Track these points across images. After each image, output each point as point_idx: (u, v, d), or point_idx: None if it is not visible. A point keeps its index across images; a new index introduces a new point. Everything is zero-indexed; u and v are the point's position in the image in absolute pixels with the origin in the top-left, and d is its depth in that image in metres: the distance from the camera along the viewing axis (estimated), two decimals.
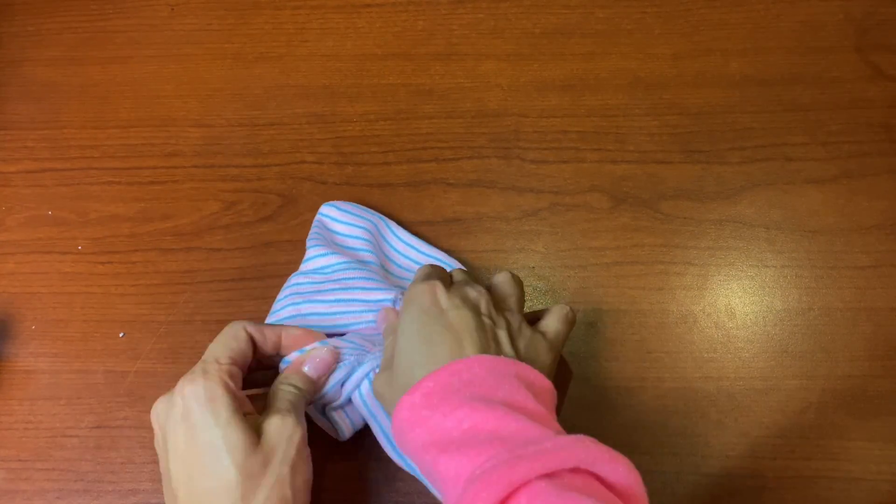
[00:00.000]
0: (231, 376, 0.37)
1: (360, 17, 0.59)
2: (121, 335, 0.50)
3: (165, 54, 0.58)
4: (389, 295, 0.43)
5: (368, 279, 0.44)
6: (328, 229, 0.49)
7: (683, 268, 0.50)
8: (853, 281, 0.49)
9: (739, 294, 0.49)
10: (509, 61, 0.56)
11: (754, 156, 0.52)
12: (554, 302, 0.49)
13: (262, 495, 0.34)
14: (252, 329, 0.40)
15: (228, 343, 0.39)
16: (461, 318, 0.36)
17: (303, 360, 0.40)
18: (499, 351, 0.35)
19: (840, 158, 0.52)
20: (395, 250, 0.49)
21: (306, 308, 0.44)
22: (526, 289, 0.50)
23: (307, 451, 0.38)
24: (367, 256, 0.48)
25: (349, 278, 0.45)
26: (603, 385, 0.47)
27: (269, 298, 0.50)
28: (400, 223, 0.51)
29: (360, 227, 0.49)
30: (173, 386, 0.48)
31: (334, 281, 0.45)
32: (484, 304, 0.37)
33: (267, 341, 0.40)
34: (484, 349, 0.35)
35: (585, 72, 0.55)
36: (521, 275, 0.50)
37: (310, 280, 0.46)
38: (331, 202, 0.50)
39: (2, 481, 0.46)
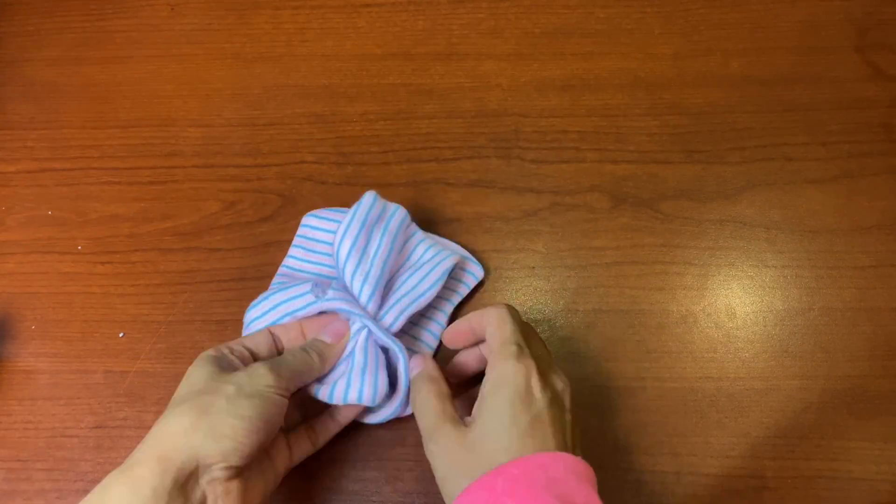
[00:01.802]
0: (230, 349, 0.41)
1: (360, 17, 0.59)
2: (120, 335, 0.50)
3: (165, 54, 0.58)
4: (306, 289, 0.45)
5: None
6: (309, 238, 0.50)
7: (683, 268, 0.50)
8: (853, 281, 0.49)
9: (739, 294, 0.49)
10: (509, 61, 0.56)
11: (754, 156, 0.52)
12: (554, 302, 0.49)
13: (186, 407, 0.36)
14: (276, 329, 0.44)
15: (249, 335, 0.43)
16: (551, 416, 0.36)
17: (322, 331, 0.43)
18: (575, 451, 0.37)
19: (840, 158, 0.52)
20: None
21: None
22: (526, 289, 0.50)
23: (276, 398, 0.38)
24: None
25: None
26: (603, 385, 0.47)
27: None
28: None
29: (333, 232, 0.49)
30: (172, 386, 0.48)
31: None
32: (568, 399, 0.38)
33: (288, 331, 0.44)
34: (564, 448, 0.36)
35: (585, 72, 0.55)
36: (521, 275, 0.50)
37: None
38: (311, 212, 0.50)
39: (2, 481, 0.46)
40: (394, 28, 0.58)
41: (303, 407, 0.44)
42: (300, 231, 0.50)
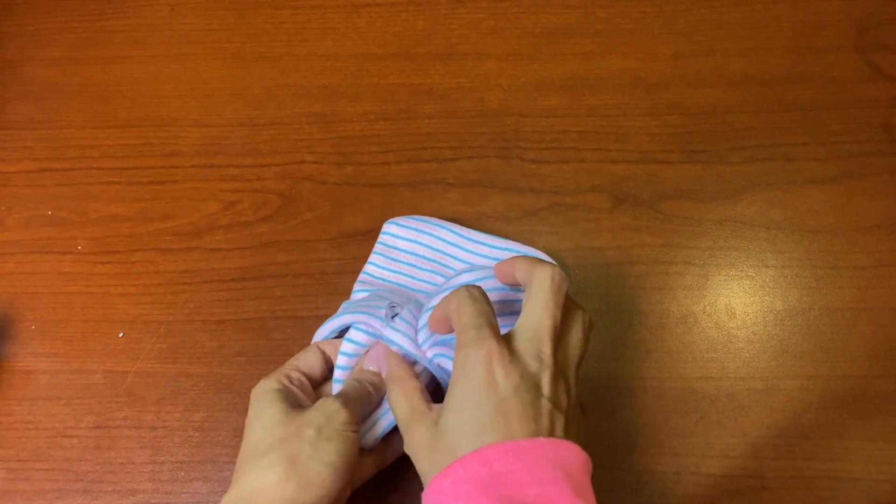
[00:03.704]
0: (289, 377, 0.42)
1: (360, 17, 0.59)
2: (120, 335, 0.50)
3: (165, 54, 0.58)
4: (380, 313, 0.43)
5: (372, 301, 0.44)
6: (390, 247, 0.49)
7: (684, 268, 0.50)
8: (853, 281, 0.49)
9: (740, 294, 0.49)
10: (509, 61, 0.56)
11: (754, 156, 0.52)
12: None
13: (273, 453, 0.36)
14: (323, 345, 0.44)
15: (299, 355, 0.44)
16: (516, 404, 0.33)
17: (362, 360, 0.43)
18: (550, 432, 0.33)
19: (840, 158, 0.52)
20: (467, 251, 0.49)
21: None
22: None
23: (353, 437, 0.38)
24: (423, 275, 0.48)
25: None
26: (603, 385, 0.47)
27: (268, 298, 0.50)
28: None
29: (421, 244, 0.49)
30: (172, 386, 0.48)
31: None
32: (546, 382, 0.34)
33: (336, 349, 0.43)
34: (534, 433, 0.33)
35: (585, 72, 0.55)
36: None
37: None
38: (392, 219, 0.50)
39: (2, 481, 0.46)
40: (394, 28, 0.58)
41: None
42: (381, 238, 0.49)
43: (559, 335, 0.36)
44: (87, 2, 0.60)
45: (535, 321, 0.35)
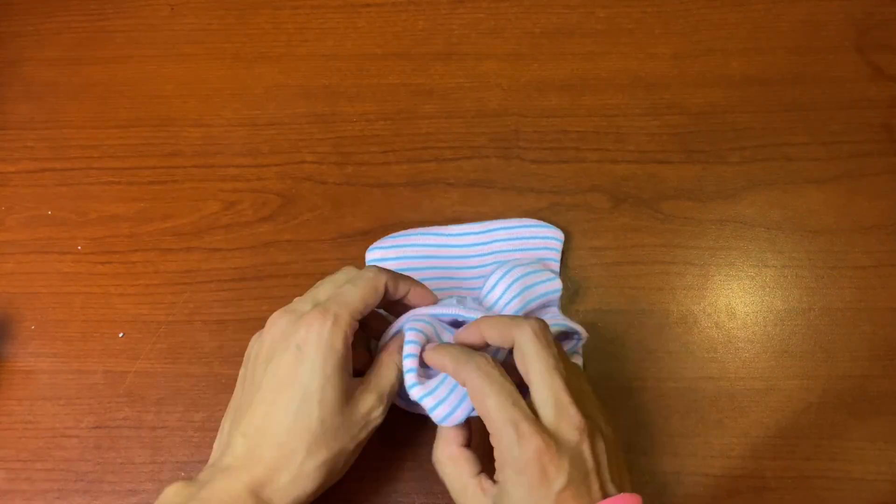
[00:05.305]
0: (353, 331, 0.38)
1: (360, 17, 0.59)
2: (120, 335, 0.50)
3: (165, 54, 0.58)
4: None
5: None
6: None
7: (684, 268, 0.50)
8: (854, 281, 0.49)
9: (740, 294, 0.49)
10: (509, 61, 0.56)
11: (754, 156, 0.52)
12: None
13: (322, 456, 0.36)
14: (389, 280, 0.40)
15: (366, 296, 0.39)
16: (571, 493, 0.33)
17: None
18: (604, 494, 0.34)
19: (840, 158, 0.52)
20: (457, 247, 0.48)
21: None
22: None
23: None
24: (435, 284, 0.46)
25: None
26: (603, 385, 0.47)
27: (269, 298, 0.50)
28: (400, 223, 0.51)
29: (410, 258, 0.48)
30: (172, 386, 0.48)
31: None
32: (587, 449, 0.34)
33: (398, 292, 0.41)
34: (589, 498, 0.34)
35: (585, 72, 0.55)
36: None
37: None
38: (372, 246, 0.49)
39: (2, 481, 0.46)
40: (394, 28, 0.58)
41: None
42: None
43: (570, 381, 0.36)
44: (87, 2, 0.60)
45: (550, 390, 0.35)
